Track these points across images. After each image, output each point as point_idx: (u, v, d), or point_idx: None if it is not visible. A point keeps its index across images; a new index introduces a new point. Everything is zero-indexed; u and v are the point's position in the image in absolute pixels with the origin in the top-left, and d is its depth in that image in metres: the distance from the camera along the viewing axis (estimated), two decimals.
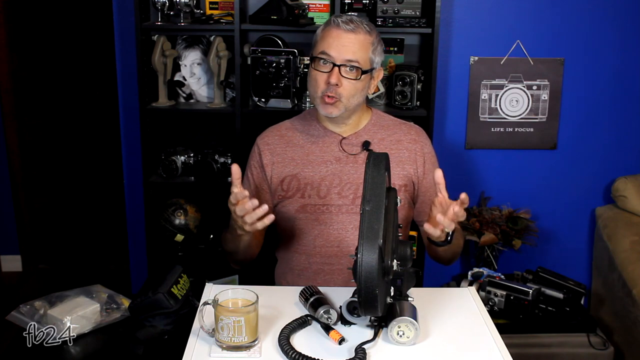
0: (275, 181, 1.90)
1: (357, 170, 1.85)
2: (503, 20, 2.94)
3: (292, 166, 1.89)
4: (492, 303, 2.61)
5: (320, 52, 1.79)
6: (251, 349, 1.37)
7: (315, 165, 1.87)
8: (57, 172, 4.14)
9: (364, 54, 1.78)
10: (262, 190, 1.92)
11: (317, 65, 1.80)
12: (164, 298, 1.68)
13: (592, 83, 3.02)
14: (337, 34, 1.78)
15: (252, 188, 1.92)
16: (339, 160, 1.87)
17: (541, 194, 3.11)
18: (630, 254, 2.76)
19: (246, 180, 1.95)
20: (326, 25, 1.82)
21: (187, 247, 2.88)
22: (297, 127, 1.94)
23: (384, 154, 1.43)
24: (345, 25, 1.77)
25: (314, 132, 1.91)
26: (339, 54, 1.77)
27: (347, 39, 1.77)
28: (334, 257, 1.86)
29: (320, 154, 1.88)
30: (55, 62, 4.10)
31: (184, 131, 3.00)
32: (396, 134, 1.92)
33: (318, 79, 1.80)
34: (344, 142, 1.88)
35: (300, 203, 1.86)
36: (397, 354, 1.38)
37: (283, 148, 1.91)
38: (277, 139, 1.93)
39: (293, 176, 1.87)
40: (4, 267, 3.81)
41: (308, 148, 1.89)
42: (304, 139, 1.91)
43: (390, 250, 1.34)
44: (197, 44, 2.90)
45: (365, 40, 1.79)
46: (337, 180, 1.86)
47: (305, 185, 1.86)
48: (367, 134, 1.90)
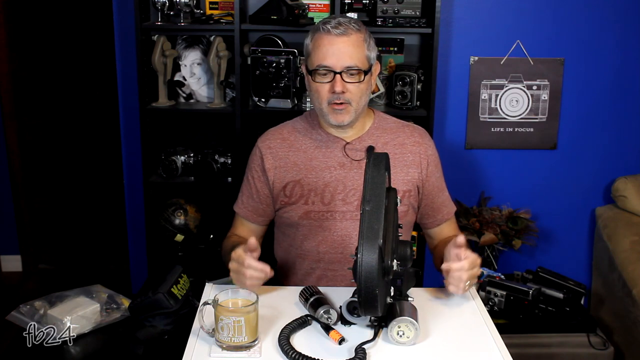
0: (277, 186, 1.87)
1: (361, 176, 1.80)
2: (503, 20, 2.94)
3: (295, 171, 1.85)
4: (492, 303, 2.61)
5: (317, 65, 1.75)
6: (251, 349, 1.38)
7: (319, 171, 1.84)
8: (57, 172, 4.14)
9: (360, 55, 1.75)
10: (262, 195, 1.90)
11: (317, 78, 1.76)
12: (164, 298, 1.68)
13: (592, 83, 3.02)
14: (330, 41, 1.73)
15: (253, 191, 1.91)
16: (343, 166, 1.84)
17: (541, 194, 3.11)
18: (630, 254, 2.76)
19: (247, 183, 1.93)
20: (315, 33, 1.77)
21: (187, 247, 2.88)
22: (300, 130, 1.90)
23: (384, 153, 1.43)
24: (335, 30, 1.73)
25: (317, 137, 1.87)
26: (337, 61, 1.73)
27: (341, 43, 1.73)
28: (337, 263, 1.84)
29: (324, 159, 1.85)
30: (55, 62, 4.10)
31: (184, 131, 3.01)
32: (399, 137, 1.89)
33: (320, 90, 1.76)
34: (348, 148, 1.85)
35: (304, 210, 1.83)
36: (397, 354, 1.38)
37: (285, 152, 1.87)
38: (280, 143, 1.89)
39: (296, 182, 1.84)
40: (4, 267, 3.81)
41: (311, 153, 1.86)
42: (306, 144, 1.87)
43: (390, 250, 1.34)
44: (197, 44, 2.90)
45: (357, 40, 1.75)
46: (341, 187, 1.83)
47: (308, 192, 1.83)
48: (371, 138, 1.87)
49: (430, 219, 1.97)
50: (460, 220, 2.87)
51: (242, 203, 1.95)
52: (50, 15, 4.02)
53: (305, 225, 1.84)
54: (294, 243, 1.89)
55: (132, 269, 3.22)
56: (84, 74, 4.36)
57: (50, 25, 4.03)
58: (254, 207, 1.92)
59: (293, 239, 1.89)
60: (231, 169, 2.81)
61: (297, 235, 1.87)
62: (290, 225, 1.88)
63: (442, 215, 1.96)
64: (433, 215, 1.96)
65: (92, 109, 4.42)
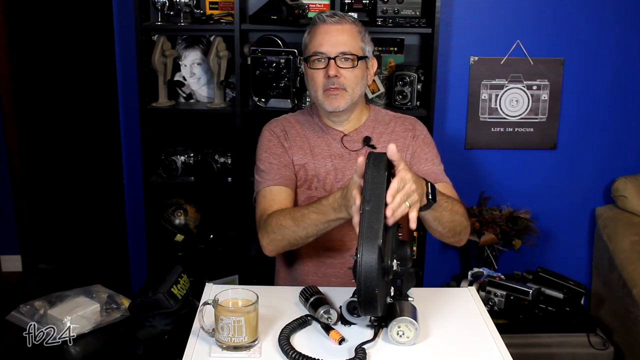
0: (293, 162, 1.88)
1: None
2: (503, 20, 2.94)
3: (301, 155, 1.88)
4: (492, 303, 2.61)
5: (313, 52, 1.80)
6: (251, 349, 1.37)
7: (320, 159, 1.87)
8: (57, 172, 4.14)
9: (355, 43, 1.80)
10: (285, 161, 1.85)
11: (312, 65, 1.81)
12: (164, 298, 1.68)
13: (592, 83, 3.02)
14: (325, 29, 1.80)
15: (275, 163, 1.83)
16: (341, 157, 1.87)
17: (541, 194, 3.11)
18: (630, 254, 2.76)
19: (265, 164, 1.84)
20: (312, 25, 1.84)
21: (187, 247, 2.88)
22: (301, 121, 1.94)
23: (383, 153, 1.42)
24: (331, 19, 1.80)
25: (317, 128, 1.91)
26: (331, 47, 1.78)
27: (336, 30, 1.79)
28: (336, 251, 1.85)
29: (325, 148, 1.88)
30: (55, 62, 4.10)
31: (184, 131, 3.01)
32: (392, 127, 1.92)
33: (315, 76, 1.80)
34: (345, 139, 1.88)
35: (307, 194, 1.86)
36: (397, 354, 1.38)
37: (293, 136, 1.90)
38: (288, 127, 1.92)
39: (301, 165, 1.87)
40: (4, 267, 3.81)
41: (314, 141, 1.89)
42: (308, 133, 1.91)
43: (390, 250, 1.34)
44: (197, 44, 2.90)
45: (352, 29, 1.81)
46: (340, 176, 1.86)
47: (312, 177, 1.86)
48: (367, 130, 1.90)
49: None
50: None
51: (270, 180, 1.82)
52: (50, 15, 4.02)
53: None
54: None
55: (132, 269, 3.23)
56: (84, 74, 4.36)
57: (50, 25, 4.03)
58: (284, 176, 1.83)
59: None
60: (231, 169, 2.81)
61: None
62: None
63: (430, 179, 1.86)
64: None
65: (92, 109, 4.42)
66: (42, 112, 4.00)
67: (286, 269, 1.95)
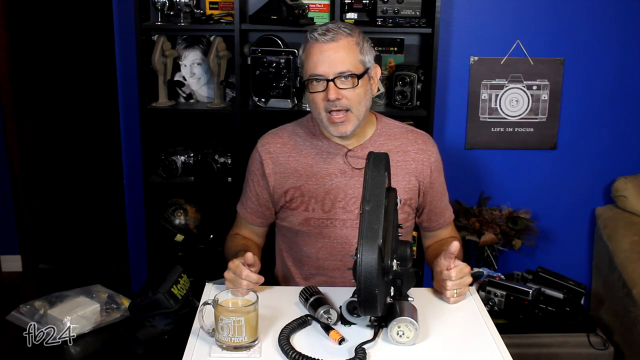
0: (278, 192, 1.85)
1: (362, 184, 1.80)
2: (503, 20, 2.94)
3: (296, 178, 1.82)
4: (492, 303, 2.61)
5: (310, 75, 1.72)
6: (251, 349, 1.38)
7: (319, 178, 1.81)
8: (57, 172, 4.14)
9: (353, 59, 1.71)
10: (262, 199, 1.88)
11: (311, 87, 1.73)
12: (164, 298, 1.68)
13: (592, 83, 3.02)
14: (319, 49, 1.70)
15: (253, 195, 1.89)
16: (344, 174, 1.81)
17: (541, 194, 3.11)
18: (630, 254, 2.76)
19: (247, 186, 1.92)
20: (305, 44, 1.75)
21: (187, 247, 2.88)
22: (300, 135, 1.87)
23: (384, 153, 1.42)
24: (323, 37, 1.69)
25: (318, 144, 1.84)
26: (328, 68, 1.69)
27: (330, 49, 1.69)
28: (337, 270, 1.84)
29: (325, 166, 1.82)
30: (55, 62, 4.10)
31: (184, 131, 3.00)
32: (403, 143, 1.86)
33: (316, 99, 1.73)
34: (350, 155, 1.82)
35: (304, 216, 1.82)
36: (397, 354, 1.38)
37: (286, 158, 1.84)
38: (280, 147, 1.85)
39: (297, 188, 1.82)
40: (4, 267, 3.81)
41: (312, 159, 1.83)
42: (307, 149, 1.84)
43: (390, 250, 1.34)
44: (197, 44, 2.90)
45: (348, 44, 1.71)
46: (342, 194, 1.80)
47: (309, 199, 1.81)
48: (373, 145, 1.83)
49: (432, 223, 1.96)
50: (460, 220, 2.87)
51: (243, 204, 1.95)
52: (50, 16, 4.02)
53: (305, 231, 1.83)
54: (294, 247, 1.89)
55: (132, 269, 3.22)
56: (84, 74, 4.36)
57: (50, 26, 4.03)
58: (254, 210, 1.92)
59: (293, 243, 1.89)
60: (231, 169, 2.81)
61: (297, 240, 1.87)
62: (290, 231, 1.87)
63: (443, 220, 1.97)
64: (435, 219, 1.96)
65: (92, 108, 4.42)
66: (42, 112, 4.00)
67: (286, 269, 1.95)
